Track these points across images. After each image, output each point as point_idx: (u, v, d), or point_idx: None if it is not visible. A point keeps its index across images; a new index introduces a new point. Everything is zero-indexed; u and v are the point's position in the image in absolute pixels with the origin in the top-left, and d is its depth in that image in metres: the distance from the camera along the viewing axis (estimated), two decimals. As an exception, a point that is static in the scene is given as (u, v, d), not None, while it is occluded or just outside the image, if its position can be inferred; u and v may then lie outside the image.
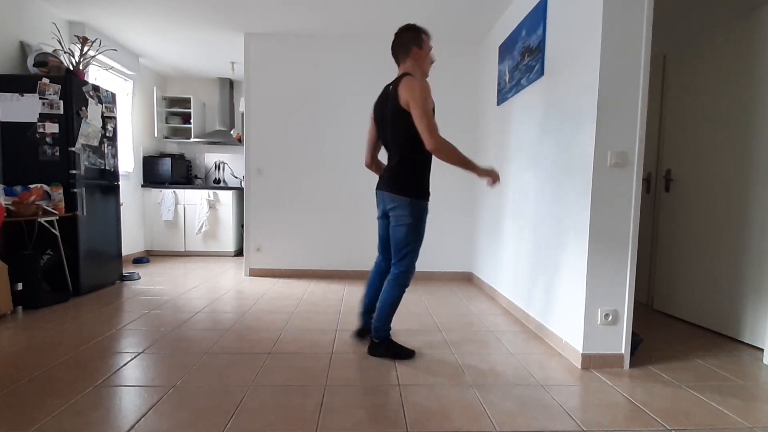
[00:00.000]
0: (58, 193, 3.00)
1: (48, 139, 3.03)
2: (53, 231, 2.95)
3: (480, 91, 3.97)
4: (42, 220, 2.87)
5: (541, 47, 2.57)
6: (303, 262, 4.12)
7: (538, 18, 2.62)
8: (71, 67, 3.19)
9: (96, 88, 3.30)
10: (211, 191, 5.02)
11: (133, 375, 1.84)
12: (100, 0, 3.30)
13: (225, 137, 5.27)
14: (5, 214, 2.68)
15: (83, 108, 3.15)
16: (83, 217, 3.16)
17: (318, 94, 4.02)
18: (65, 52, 3.27)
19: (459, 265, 4.14)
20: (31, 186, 2.93)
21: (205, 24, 3.73)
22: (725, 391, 1.82)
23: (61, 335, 2.31)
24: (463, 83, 4.02)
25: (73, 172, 3.08)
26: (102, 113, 3.36)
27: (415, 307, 3.07)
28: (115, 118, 3.54)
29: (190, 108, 5.24)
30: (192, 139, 5.27)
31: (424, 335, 2.46)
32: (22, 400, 1.60)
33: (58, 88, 3.02)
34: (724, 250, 2.55)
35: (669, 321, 2.85)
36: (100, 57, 3.85)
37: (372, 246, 4.08)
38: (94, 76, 3.99)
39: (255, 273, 4.10)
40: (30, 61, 3.09)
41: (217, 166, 5.64)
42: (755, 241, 2.37)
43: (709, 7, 2.75)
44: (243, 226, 4.25)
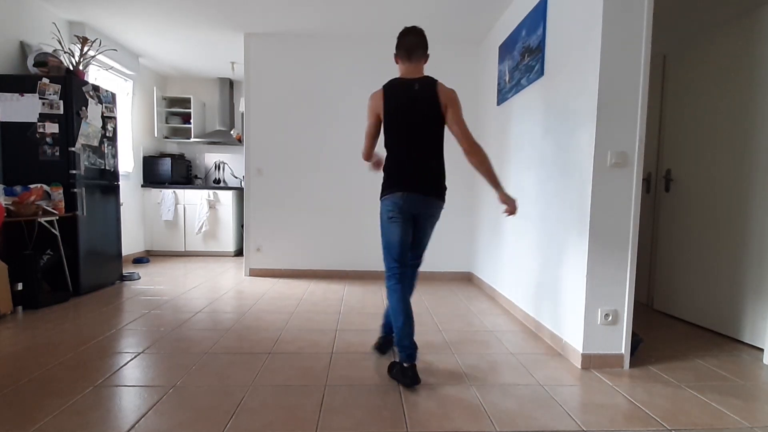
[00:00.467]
0: (58, 193, 3.00)
1: (48, 139, 3.03)
2: (53, 231, 2.95)
3: (480, 91, 3.97)
4: (42, 220, 2.87)
5: (541, 47, 2.57)
6: (303, 262, 4.12)
7: (538, 18, 2.62)
8: (71, 67, 3.19)
9: (96, 88, 3.30)
10: (211, 191, 5.02)
11: (133, 375, 1.84)
12: (100, 0, 3.30)
13: (225, 137, 5.27)
14: (5, 214, 2.68)
15: (83, 108, 3.15)
16: (83, 217, 3.16)
17: (318, 94, 4.02)
18: (65, 52, 3.27)
19: (459, 265, 4.14)
20: (31, 186, 2.93)
21: (205, 24, 3.73)
22: (725, 391, 1.82)
23: (61, 335, 2.31)
24: (463, 83, 4.01)
25: (73, 172, 3.08)
26: (102, 113, 3.36)
27: (415, 307, 3.04)
28: (115, 118, 3.54)
29: (190, 108, 5.24)
30: (192, 139, 5.27)
31: (425, 335, 2.46)
32: (22, 400, 1.60)
33: (58, 88, 3.02)
34: (724, 250, 2.55)
35: (669, 321, 2.85)
36: (100, 57, 3.85)
37: (372, 246, 4.07)
38: (94, 76, 3.99)
39: (255, 273, 4.10)
40: (30, 61, 3.09)
41: (217, 166, 5.64)
42: (755, 241, 2.37)
43: (709, 7, 2.75)
44: (243, 226, 4.25)
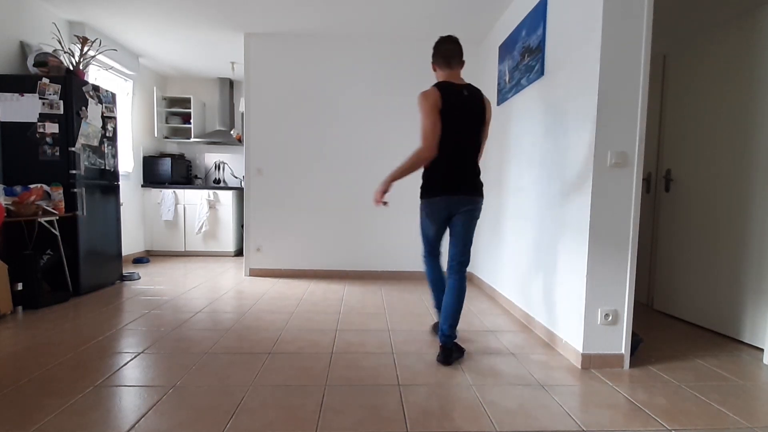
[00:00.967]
0: (58, 193, 3.00)
1: (48, 139, 3.03)
2: (53, 231, 2.95)
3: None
4: (42, 220, 2.87)
5: (541, 47, 2.57)
6: (303, 262, 4.12)
7: (538, 18, 2.62)
8: (71, 67, 3.19)
9: (96, 88, 3.30)
10: (211, 191, 5.02)
11: (133, 375, 1.84)
12: (100, 0, 3.30)
13: (225, 137, 5.27)
14: (5, 214, 2.68)
15: (83, 108, 3.15)
16: (83, 217, 3.16)
17: (318, 94, 4.02)
18: (65, 52, 3.27)
19: (459, 265, 4.13)
20: (31, 186, 2.93)
21: (205, 24, 3.73)
22: (725, 391, 1.82)
23: (61, 335, 2.31)
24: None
25: (73, 172, 3.08)
26: (102, 113, 3.36)
27: (414, 307, 3.07)
28: (115, 118, 3.54)
29: (190, 108, 5.24)
30: (192, 139, 5.27)
31: (425, 335, 2.46)
32: (22, 400, 1.60)
33: (58, 88, 3.02)
34: (724, 250, 2.55)
35: (669, 321, 2.85)
36: (100, 57, 3.86)
37: (372, 246, 4.09)
38: (94, 76, 3.99)
39: (255, 273, 4.10)
40: (30, 61, 3.09)
41: (217, 166, 5.64)
42: (755, 241, 2.37)
43: (709, 7, 2.75)
44: (243, 226, 4.25)
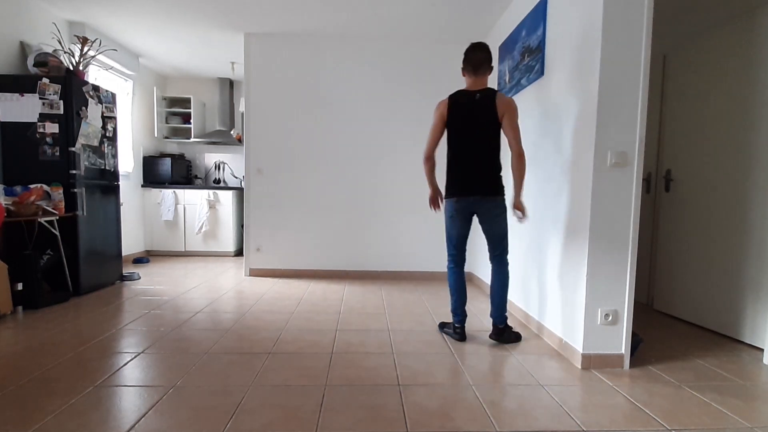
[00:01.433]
0: (58, 193, 3.00)
1: (48, 139, 3.03)
2: (53, 231, 2.95)
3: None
4: (42, 220, 2.87)
5: (541, 47, 2.57)
6: (303, 262, 4.12)
7: (538, 18, 2.62)
8: (71, 67, 3.19)
9: (96, 88, 3.30)
10: (211, 191, 5.02)
11: (133, 375, 1.84)
12: (100, 0, 3.30)
13: (225, 137, 5.27)
14: (5, 214, 2.68)
15: (83, 108, 3.15)
16: (83, 217, 3.16)
17: (318, 94, 4.02)
18: (65, 52, 3.27)
19: (459, 265, 4.13)
20: (31, 186, 2.93)
21: (205, 24, 3.73)
22: (725, 391, 1.82)
23: (61, 335, 2.31)
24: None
25: (73, 172, 3.08)
26: (102, 113, 3.36)
27: (415, 307, 3.07)
28: (115, 118, 3.54)
29: (190, 108, 5.24)
30: (192, 139, 5.27)
31: (424, 335, 2.46)
32: (22, 400, 1.60)
33: (58, 88, 3.02)
34: (724, 250, 2.54)
35: (669, 321, 2.85)
36: (100, 57, 3.86)
37: (372, 246, 4.09)
38: (94, 76, 3.99)
39: (255, 273, 4.10)
40: (30, 61, 3.09)
41: (217, 166, 5.64)
42: (755, 241, 2.37)
43: (709, 7, 2.75)
44: (243, 226, 4.25)
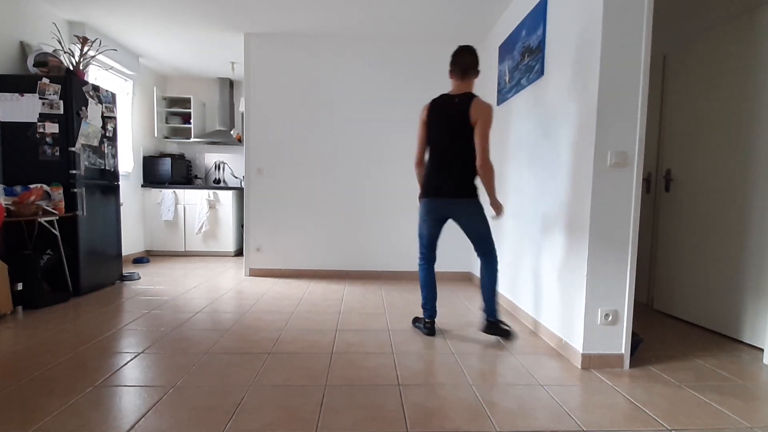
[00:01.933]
0: (58, 193, 3.00)
1: (48, 139, 3.03)
2: (53, 231, 2.95)
3: (480, 91, 3.90)
4: (42, 220, 2.87)
5: (541, 47, 2.57)
6: (303, 262, 4.12)
7: (538, 18, 2.62)
8: (71, 67, 3.19)
9: (96, 88, 3.30)
10: (211, 191, 5.02)
11: (133, 375, 1.84)
12: (100, 0, 3.30)
13: (225, 137, 5.27)
14: (5, 214, 2.68)
15: (83, 108, 3.15)
16: (83, 217, 3.16)
17: (318, 94, 4.02)
18: (65, 52, 3.27)
19: (459, 265, 4.13)
20: (31, 186, 2.93)
21: (205, 24, 3.73)
22: (725, 391, 1.82)
23: (61, 335, 2.31)
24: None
25: (73, 172, 3.08)
26: (102, 113, 3.36)
27: (415, 307, 3.07)
28: (115, 118, 3.54)
29: (190, 108, 5.24)
30: (192, 139, 5.27)
31: (424, 335, 2.46)
32: (22, 400, 1.60)
33: (58, 88, 3.02)
34: (724, 250, 2.54)
35: (669, 321, 2.85)
36: (100, 57, 3.86)
37: (372, 246, 4.09)
38: (94, 76, 3.99)
39: (255, 273, 4.10)
40: (30, 61, 3.09)
41: (217, 166, 5.64)
42: (755, 241, 2.37)
43: (709, 7, 2.75)
44: (243, 226, 4.25)
